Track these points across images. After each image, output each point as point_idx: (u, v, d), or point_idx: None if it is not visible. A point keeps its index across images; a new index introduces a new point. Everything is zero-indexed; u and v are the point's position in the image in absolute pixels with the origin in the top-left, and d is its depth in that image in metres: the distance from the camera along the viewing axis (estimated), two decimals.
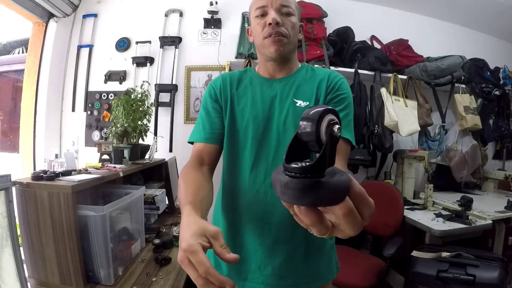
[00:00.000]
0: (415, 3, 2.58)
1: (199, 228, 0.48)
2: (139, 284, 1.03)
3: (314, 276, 0.81)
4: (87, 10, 2.43)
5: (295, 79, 0.83)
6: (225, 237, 0.51)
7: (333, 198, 0.25)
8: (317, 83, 0.81)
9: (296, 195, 0.25)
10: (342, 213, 0.26)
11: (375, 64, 2.27)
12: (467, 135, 2.53)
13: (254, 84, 0.85)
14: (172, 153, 2.31)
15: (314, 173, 0.24)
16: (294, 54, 0.86)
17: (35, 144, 2.20)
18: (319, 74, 0.84)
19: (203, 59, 2.38)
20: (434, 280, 1.52)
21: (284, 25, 0.77)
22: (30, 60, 2.25)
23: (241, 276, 0.81)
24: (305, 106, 0.79)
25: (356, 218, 0.27)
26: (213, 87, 0.86)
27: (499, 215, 1.91)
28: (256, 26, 0.80)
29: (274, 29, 0.76)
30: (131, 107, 1.65)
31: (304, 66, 0.88)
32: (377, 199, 1.68)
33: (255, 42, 0.84)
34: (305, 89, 0.81)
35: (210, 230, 0.48)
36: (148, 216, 1.59)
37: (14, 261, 0.84)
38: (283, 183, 0.25)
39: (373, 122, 2.24)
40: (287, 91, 0.81)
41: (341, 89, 0.80)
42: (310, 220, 0.27)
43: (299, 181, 0.24)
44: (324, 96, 0.80)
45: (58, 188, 0.93)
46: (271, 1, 0.77)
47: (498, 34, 2.93)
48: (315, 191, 0.24)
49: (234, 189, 0.82)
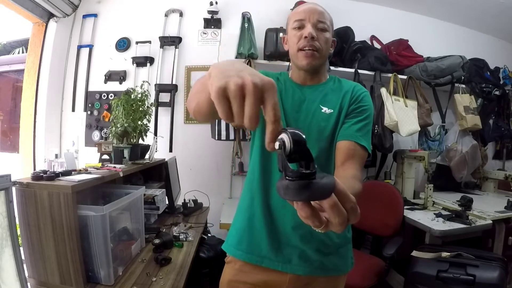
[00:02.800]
0: (415, 3, 2.58)
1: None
2: (139, 284, 1.03)
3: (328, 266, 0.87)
4: (87, 10, 2.43)
5: (323, 88, 0.90)
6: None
7: (322, 194, 0.32)
8: (342, 93, 0.88)
9: (294, 193, 0.32)
10: (328, 206, 0.32)
11: (375, 64, 2.27)
12: (467, 135, 2.53)
13: (287, 87, 0.91)
14: (172, 153, 2.31)
15: (307, 176, 0.32)
16: (324, 67, 0.93)
17: (35, 144, 2.20)
18: (345, 86, 0.90)
19: (203, 59, 2.38)
20: (434, 280, 1.52)
21: (319, 39, 0.84)
22: (30, 60, 2.25)
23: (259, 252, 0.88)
24: (330, 113, 0.86)
25: (340, 209, 0.32)
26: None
27: (499, 215, 1.91)
28: (292, 37, 0.86)
29: (309, 43, 0.82)
30: (131, 107, 1.64)
31: (332, 77, 0.95)
32: (377, 199, 1.70)
33: (290, 51, 0.90)
34: (331, 98, 0.88)
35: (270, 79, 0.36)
36: (148, 216, 1.59)
37: (14, 261, 0.84)
38: (285, 185, 0.33)
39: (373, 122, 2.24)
40: (314, 98, 0.88)
41: (364, 101, 0.86)
42: (305, 213, 0.33)
43: (295, 183, 0.32)
44: (347, 106, 0.86)
45: (58, 188, 0.93)
46: (309, 15, 0.84)
47: (498, 34, 2.93)
48: (308, 189, 0.31)
49: (266, 181, 0.87)
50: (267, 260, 0.87)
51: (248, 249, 0.89)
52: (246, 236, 0.90)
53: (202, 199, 2.03)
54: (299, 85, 0.91)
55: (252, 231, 0.89)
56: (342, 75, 2.29)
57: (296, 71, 0.92)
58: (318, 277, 0.87)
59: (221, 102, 0.34)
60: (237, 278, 0.90)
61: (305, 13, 0.85)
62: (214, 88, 0.34)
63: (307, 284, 0.87)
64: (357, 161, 0.78)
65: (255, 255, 0.88)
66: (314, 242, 0.85)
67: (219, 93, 0.34)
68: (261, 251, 0.87)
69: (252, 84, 0.33)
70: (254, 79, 0.34)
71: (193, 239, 1.45)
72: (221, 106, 0.34)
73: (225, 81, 0.34)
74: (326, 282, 0.88)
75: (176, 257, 1.25)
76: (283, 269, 0.86)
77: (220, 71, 0.36)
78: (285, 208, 0.85)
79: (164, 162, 1.87)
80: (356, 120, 0.83)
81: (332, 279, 0.89)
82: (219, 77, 0.35)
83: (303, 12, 0.85)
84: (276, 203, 0.87)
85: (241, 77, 0.34)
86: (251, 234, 0.89)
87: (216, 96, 0.34)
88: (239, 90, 0.33)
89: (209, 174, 2.37)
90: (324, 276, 0.87)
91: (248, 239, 0.90)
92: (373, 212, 1.94)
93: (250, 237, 0.89)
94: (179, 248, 1.36)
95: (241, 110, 0.33)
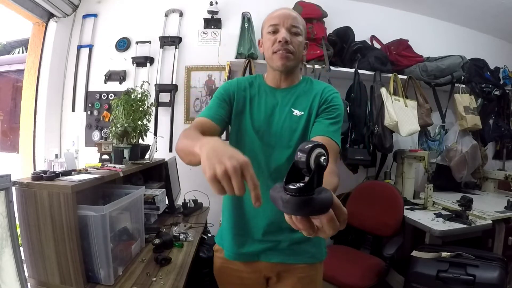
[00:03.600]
0: (415, 3, 2.58)
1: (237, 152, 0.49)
2: (139, 284, 1.03)
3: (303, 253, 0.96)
4: (87, 10, 2.43)
5: (295, 90, 0.96)
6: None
7: (321, 209, 0.34)
8: (312, 96, 0.94)
9: (295, 208, 0.34)
10: (326, 220, 0.35)
11: (375, 64, 2.27)
12: (467, 135, 2.53)
13: (261, 91, 0.98)
14: (172, 153, 2.31)
15: (307, 192, 0.33)
16: (297, 68, 0.99)
17: (35, 144, 2.20)
18: (316, 88, 0.96)
19: (203, 59, 2.38)
20: (434, 280, 1.52)
21: (292, 43, 0.89)
22: (30, 60, 2.25)
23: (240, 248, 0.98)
24: (300, 115, 0.92)
25: (336, 223, 0.36)
26: (228, 86, 0.98)
27: (499, 215, 1.91)
28: (267, 40, 0.92)
29: (283, 46, 0.88)
30: (131, 107, 1.64)
31: (305, 78, 1.00)
32: (377, 199, 1.70)
33: (265, 54, 0.95)
34: (302, 100, 0.94)
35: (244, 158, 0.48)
36: (148, 216, 1.59)
37: (14, 261, 0.84)
38: (285, 200, 0.34)
39: (373, 122, 2.24)
40: (286, 101, 0.95)
41: (333, 102, 0.92)
42: (304, 226, 0.36)
43: (297, 199, 0.33)
44: (317, 108, 0.92)
45: (58, 188, 0.93)
46: (283, 20, 0.89)
47: (498, 34, 2.93)
48: (308, 205, 0.33)
49: None
50: (245, 256, 0.97)
51: (228, 246, 1.00)
52: (225, 233, 1.01)
53: (202, 199, 2.03)
54: (273, 88, 0.97)
55: (229, 229, 0.99)
56: (342, 75, 2.32)
57: (271, 73, 0.98)
58: (294, 264, 0.95)
59: (214, 184, 0.45)
60: (226, 265, 1.01)
61: (279, 18, 0.90)
62: (207, 175, 0.46)
63: (285, 271, 0.96)
64: (332, 156, 0.82)
65: (233, 253, 0.98)
66: (285, 234, 0.93)
67: (212, 178, 0.45)
68: (238, 248, 0.97)
69: (232, 168, 0.44)
70: (232, 163, 0.44)
71: (193, 239, 1.45)
72: (215, 187, 0.45)
73: (213, 170, 0.45)
74: (303, 269, 0.96)
75: (176, 257, 1.25)
76: (259, 259, 0.96)
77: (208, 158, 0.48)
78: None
79: (164, 162, 1.87)
80: (327, 118, 0.89)
81: (308, 267, 0.97)
82: (209, 166, 0.46)
83: (277, 17, 0.90)
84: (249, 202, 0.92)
85: (223, 163, 0.45)
86: (229, 232, 1.00)
87: (211, 180, 0.45)
88: (225, 174, 0.44)
89: None
90: (299, 263, 0.96)
91: (227, 237, 1.00)
92: (373, 212, 1.94)
93: (229, 235, 0.99)
94: (179, 248, 1.36)
95: (230, 186, 0.44)
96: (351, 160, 2.23)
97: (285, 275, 0.97)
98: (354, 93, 2.24)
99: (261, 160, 0.92)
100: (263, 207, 0.40)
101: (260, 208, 0.88)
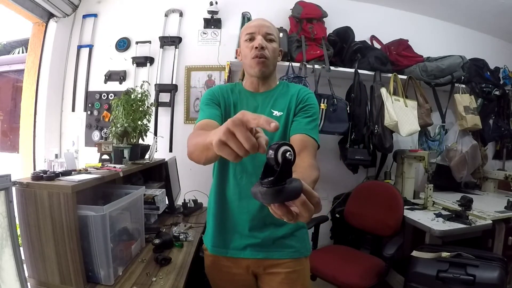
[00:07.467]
0: (415, 3, 2.58)
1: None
2: (139, 284, 1.03)
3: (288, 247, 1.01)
4: (87, 10, 2.43)
5: (273, 93, 1.04)
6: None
7: (293, 195, 0.40)
8: (289, 97, 1.02)
9: (270, 198, 0.39)
10: (299, 203, 0.41)
11: (375, 64, 2.27)
12: (467, 135, 2.53)
13: (242, 96, 1.05)
14: (172, 153, 2.31)
15: (279, 183, 0.39)
16: (273, 73, 1.07)
17: (35, 144, 2.20)
18: (292, 90, 1.04)
19: (203, 59, 2.38)
20: (434, 280, 1.52)
21: (268, 49, 0.97)
22: (30, 60, 2.25)
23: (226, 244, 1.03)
24: (280, 115, 0.99)
25: (308, 205, 0.42)
26: (213, 92, 1.05)
27: (499, 215, 1.91)
28: (245, 48, 1.00)
29: (260, 52, 0.96)
30: (131, 107, 1.64)
31: (282, 82, 1.09)
32: (377, 199, 1.71)
33: (243, 61, 1.03)
34: (280, 102, 1.02)
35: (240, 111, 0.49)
36: (148, 216, 1.59)
37: (14, 261, 0.84)
38: (262, 192, 0.40)
39: (373, 122, 2.24)
40: (266, 103, 1.02)
41: (309, 101, 1.00)
42: (281, 211, 0.42)
43: (271, 189, 0.39)
44: (294, 107, 0.99)
45: (58, 188, 0.93)
46: (258, 29, 0.98)
47: (498, 34, 2.93)
48: (281, 194, 0.39)
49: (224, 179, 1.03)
50: (231, 251, 1.02)
51: (214, 242, 1.05)
52: (211, 231, 1.07)
53: (202, 199, 2.03)
54: (252, 93, 1.05)
55: (215, 226, 1.05)
56: (342, 75, 2.32)
57: (249, 80, 1.06)
58: (280, 259, 1.00)
59: (223, 149, 0.44)
60: (216, 262, 1.06)
61: (255, 27, 0.99)
62: (214, 144, 0.45)
63: (272, 266, 1.00)
64: (310, 151, 0.89)
65: (220, 247, 1.03)
66: (270, 230, 0.99)
67: (219, 144, 0.44)
68: (224, 244, 1.03)
69: (231, 123, 0.44)
70: (229, 123, 0.44)
71: (193, 239, 1.45)
72: (225, 151, 0.44)
73: (217, 136, 0.45)
74: (289, 264, 1.00)
75: (176, 257, 1.25)
76: (244, 256, 1.01)
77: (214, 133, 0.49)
78: (240, 201, 0.99)
79: (164, 162, 1.87)
80: (305, 117, 0.96)
81: (294, 262, 1.01)
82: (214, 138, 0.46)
83: (253, 27, 0.99)
84: (232, 199, 1.01)
85: (222, 127, 0.45)
86: (215, 229, 1.05)
87: (217, 146, 0.45)
88: (228, 132, 0.44)
89: (209, 174, 2.36)
90: (285, 258, 1.00)
91: (213, 234, 1.06)
92: (373, 212, 1.94)
93: (214, 232, 1.05)
94: (179, 248, 1.36)
95: (237, 143, 0.43)
96: (351, 160, 2.23)
97: (272, 270, 1.01)
98: (354, 93, 2.24)
99: (246, 160, 0.94)
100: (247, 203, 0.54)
101: (244, 204, 1.00)
